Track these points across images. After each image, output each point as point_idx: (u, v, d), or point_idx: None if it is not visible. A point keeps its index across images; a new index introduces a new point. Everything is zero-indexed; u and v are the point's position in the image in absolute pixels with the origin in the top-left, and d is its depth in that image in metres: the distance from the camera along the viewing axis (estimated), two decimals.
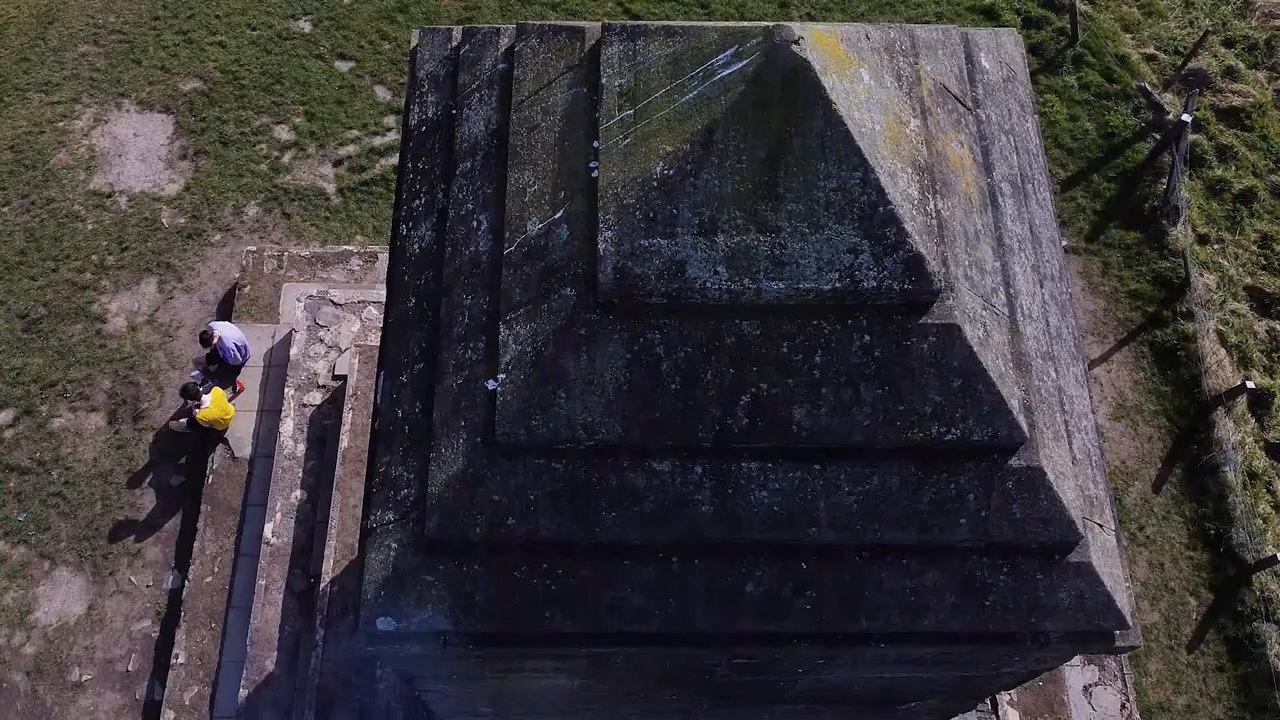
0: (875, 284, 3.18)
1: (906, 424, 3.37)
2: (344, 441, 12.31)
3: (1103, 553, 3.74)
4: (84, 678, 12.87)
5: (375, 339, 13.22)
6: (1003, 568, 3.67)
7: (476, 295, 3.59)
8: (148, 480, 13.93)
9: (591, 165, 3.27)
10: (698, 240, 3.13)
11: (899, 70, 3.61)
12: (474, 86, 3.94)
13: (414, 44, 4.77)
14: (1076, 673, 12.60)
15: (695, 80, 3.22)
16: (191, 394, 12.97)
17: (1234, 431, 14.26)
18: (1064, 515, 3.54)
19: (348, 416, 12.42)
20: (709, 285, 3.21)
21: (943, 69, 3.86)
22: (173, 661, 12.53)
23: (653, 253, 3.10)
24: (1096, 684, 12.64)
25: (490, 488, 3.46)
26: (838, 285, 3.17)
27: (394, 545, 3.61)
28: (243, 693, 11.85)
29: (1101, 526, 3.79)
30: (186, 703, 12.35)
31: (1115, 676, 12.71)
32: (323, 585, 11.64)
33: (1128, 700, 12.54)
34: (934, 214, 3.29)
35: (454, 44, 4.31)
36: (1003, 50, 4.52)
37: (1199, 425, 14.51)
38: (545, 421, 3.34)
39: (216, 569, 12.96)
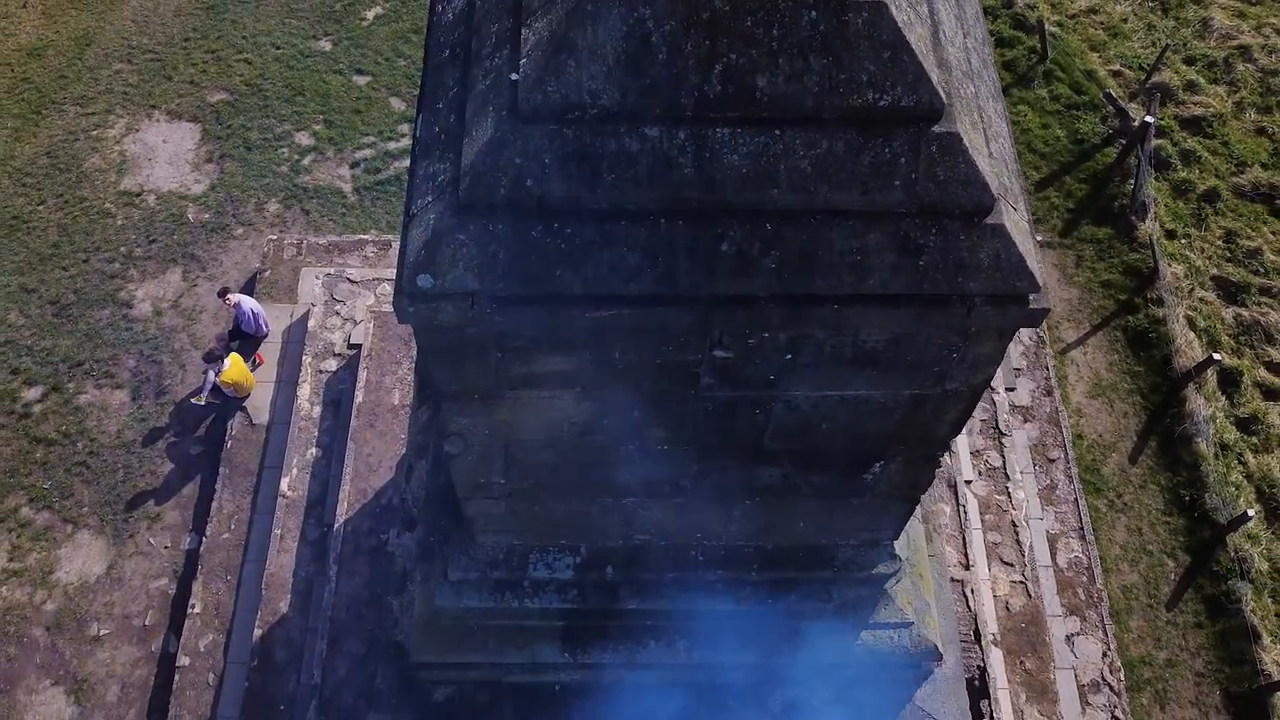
0: None
1: (848, 90, 4.13)
2: (359, 397, 13.02)
3: (1015, 226, 4.46)
4: (102, 632, 13.34)
5: (389, 304, 14.01)
6: (931, 229, 4.39)
7: (502, 21, 4.38)
8: (168, 450, 14.57)
9: None
10: None
11: None
12: None
13: None
14: (1059, 622, 13.07)
15: None
16: (212, 359, 13.74)
17: (1205, 406, 14.95)
18: (979, 178, 4.27)
19: (362, 375, 13.15)
20: None
21: None
22: (189, 611, 13.02)
23: None
24: (1078, 633, 13.11)
25: (513, 151, 4.20)
26: None
27: (432, 216, 4.34)
28: (257, 632, 12.33)
29: (1015, 209, 4.53)
30: (201, 649, 12.80)
31: (1096, 627, 13.18)
32: (337, 525, 12.23)
33: (1109, 648, 12.99)
34: None
35: None
36: None
37: (1171, 401, 15.20)
38: (559, 88, 4.11)
39: (233, 526, 13.53)
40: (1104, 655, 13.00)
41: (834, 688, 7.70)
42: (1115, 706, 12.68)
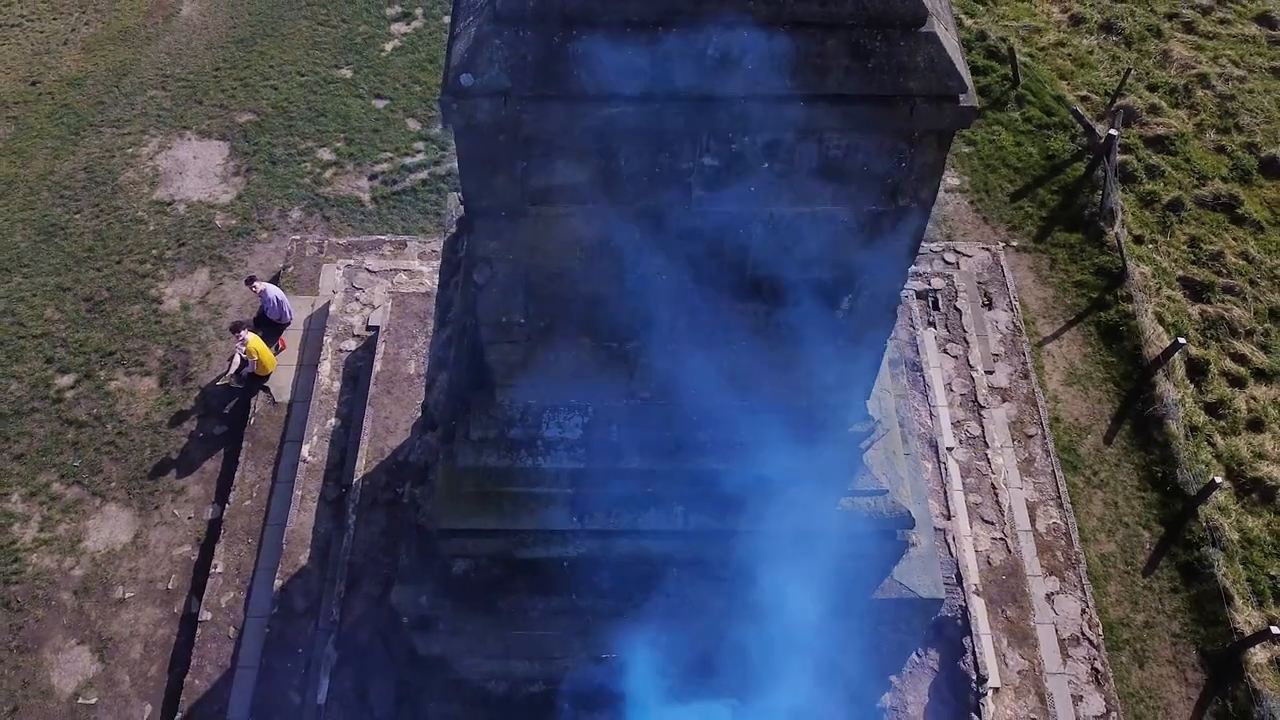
0: None
1: None
2: (377, 366, 13.91)
3: (946, 38, 5.38)
4: (127, 595, 13.97)
5: (406, 289, 14.99)
6: (877, 36, 5.33)
7: None
8: (193, 430, 15.38)
9: None
10: None
11: None
12: None
13: None
14: (1039, 582, 13.73)
15: None
16: (235, 329, 14.70)
17: (1175, 391, 15.82)
18: None
19: (380, 347, 14.06)
20: None
21: None
22: (211, 571, 13.68)
23: None
24: (1058, 592, 13.75)
25: None
26: None
27: (473, 28, 5.28)
28: (277, 583, 12.99)
29: (947, 30, 5.49)
30: (223, 605, 13.44)
31: (1075, 587, 13.83)
32: (356, 480, 12.99)
33: (1087, 606, 13.63)
34: None
35: None
36: None
37: (1143, 388, 16.05)
38: None
39: (255, 494, 14.27)
40: (1083, 612, 13.62)
41: (820, 561, 8.41)
42: (1095, 659, 13.27)
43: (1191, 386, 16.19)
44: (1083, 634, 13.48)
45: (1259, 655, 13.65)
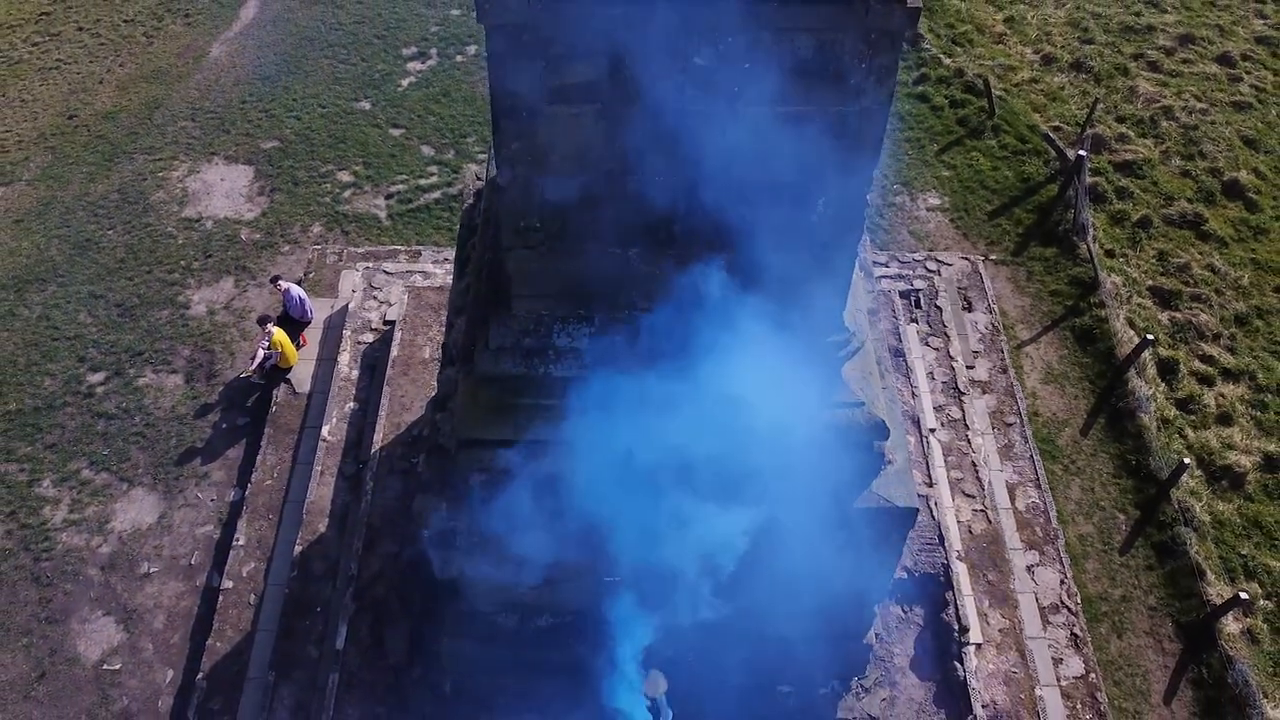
0: None
1: None
2: (394, 351, 14.85)
3: None
4: (151, 570, 14.68)
5: (422, 283, 16.00)
6: None
7: None
8: (217, 421, 16.24)
9: None
10: None
11: None
12: None
13: None
14: (1019, 555, 14.45)
15: None
16: (262, 322, 15.68)
17: (1146, 388, 16.73)
18: None
19: (397, 335, 15.01)
20: None
21: None
22: (233, 544, 14.42)
23: None
24: (1038, 565, 14.47)
25: None
26: None
27: None
28: (297, 549, 13.73)
29: None
30: (244, 575, 14.14)
31: (1054, 560, 14.55)
32: (374, 450, 13.82)
33: (1066, 576, 14.33)
34: None
35: None
36: None
37: (1116, 385, 16.96)
38: None
39: (276, 475, 15.07)
40: (1061, 583, 14.32)
41: (806, 473, 9.19)
42: (1074, 625, 13.93)
43: (1162, 384, 17.09)
44: (1062, 602, 14.15)
45: (1231, 625, 14.30)
